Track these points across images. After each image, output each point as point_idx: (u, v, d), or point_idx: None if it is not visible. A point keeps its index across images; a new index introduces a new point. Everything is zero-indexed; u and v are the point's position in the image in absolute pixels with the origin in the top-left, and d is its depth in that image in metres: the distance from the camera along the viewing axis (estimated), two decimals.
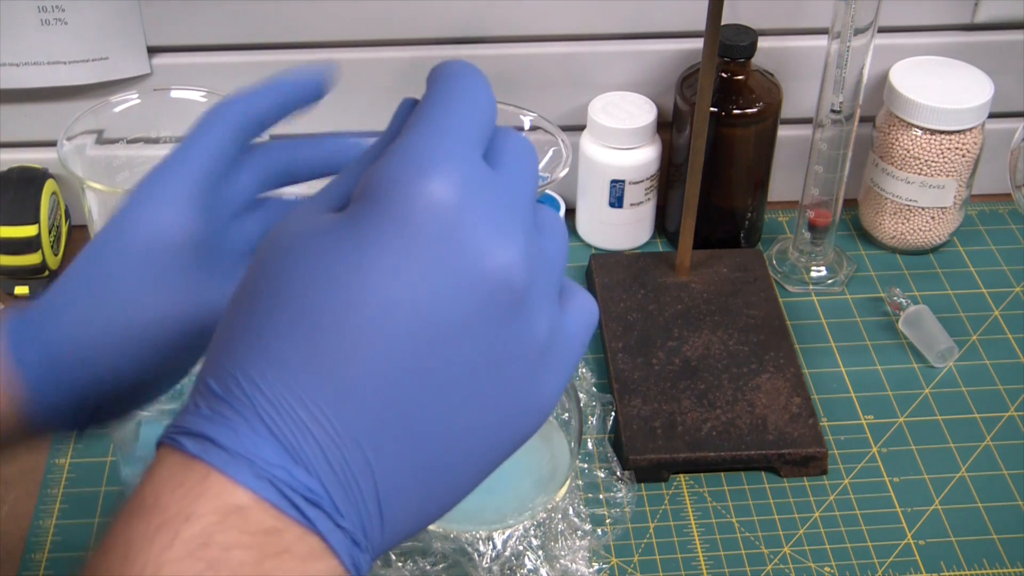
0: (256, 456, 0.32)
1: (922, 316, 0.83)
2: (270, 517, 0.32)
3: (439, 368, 0.33)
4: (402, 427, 0.33)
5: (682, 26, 0.86)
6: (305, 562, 0.32)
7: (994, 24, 0.88)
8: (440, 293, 0.33)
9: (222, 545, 0.31)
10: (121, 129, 0.74)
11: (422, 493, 0.35)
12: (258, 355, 0.33)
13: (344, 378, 0.32)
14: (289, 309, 0.33)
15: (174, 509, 0.31)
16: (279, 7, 0.83)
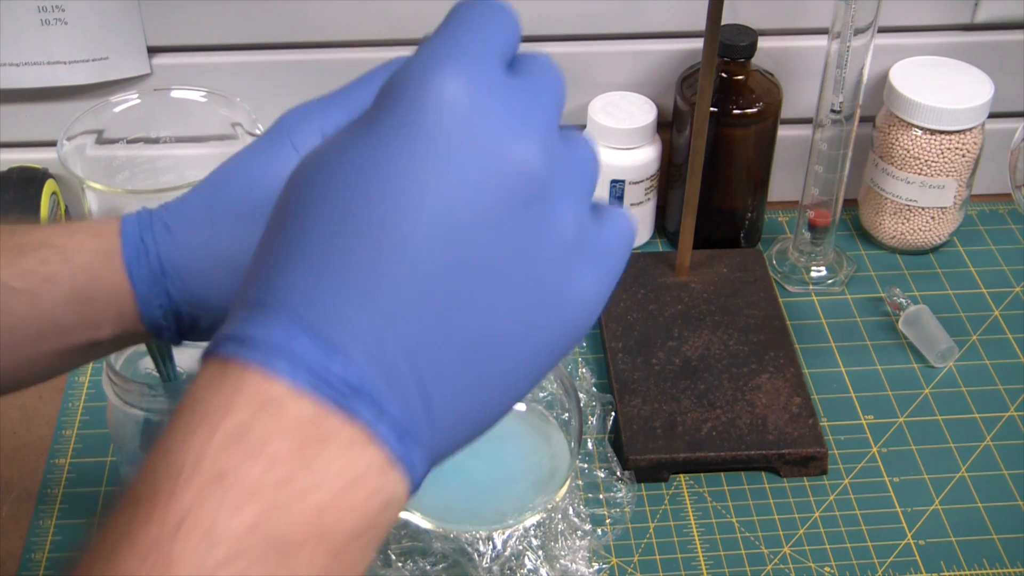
0: (292, 348, 0.32)
1: (922, 316, 0.83)
2: (307, 406, 0.32)
3: (466, 256, 0.34)
4: (438, 318, 0.33)
5: (682, 26, 0.86)
6: (348, 450, 0.32)
7: (994, 24, 0.88)
8: (459, 186, 0.33)
9: (259, 435, 0.31)
10: (121, 129, 0.74)
11: (468, 387, 0.34)
12: (292, 260, 0.34)
13: (376, 272, 0.33)
14: (318, 216, 0.34)
15: (212, 405, 0.32)
16: (279, 7, 0.83)
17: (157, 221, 0.50)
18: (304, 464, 0.31)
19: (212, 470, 0.31)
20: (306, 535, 0.31)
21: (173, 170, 0.75)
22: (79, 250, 0.49)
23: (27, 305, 0.48)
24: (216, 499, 0.30)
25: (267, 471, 0.31)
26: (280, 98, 0.86)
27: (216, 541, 0.30)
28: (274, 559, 0.31)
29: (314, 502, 0.31)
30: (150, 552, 0.30)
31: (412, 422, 0.33)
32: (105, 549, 0.31)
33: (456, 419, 0.35)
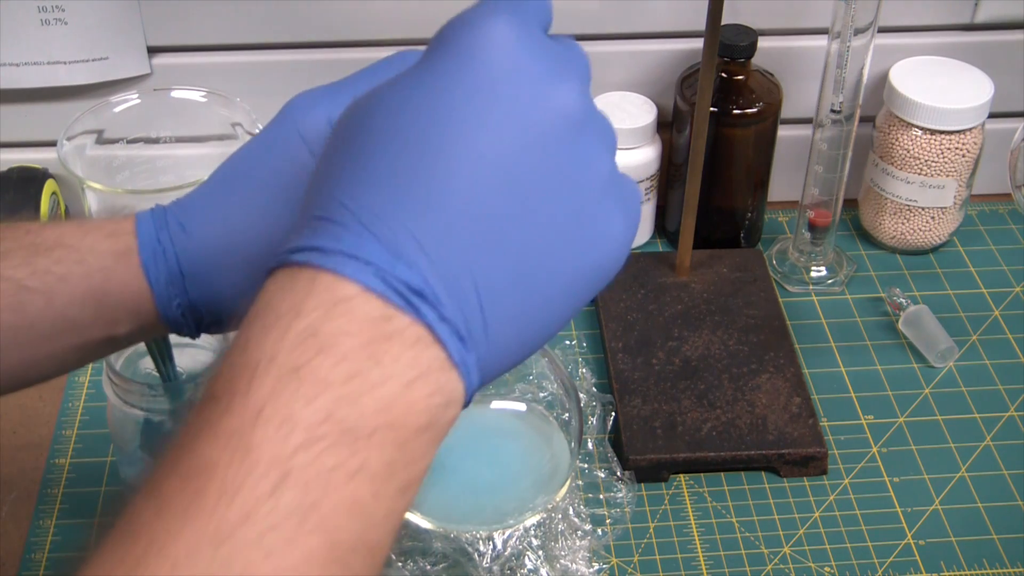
0: (360, 254, 0.34)
1: (922, 316, 0.83)
2: (375, 306, 0.34)
3: (517, 180, 0.36)
4: (492, 234, 0.36)
5: (682, 26, 0.86)
6: (412, 348, 0.34)
7: (994, 24, 0.88)
8: (509, 115, 0.36)
9: (330, 332, 0.33)
10: (121, 129, 0.74)
11: (515, 305, 0.37)
12: (357, 179, 0.36)
13: (437, 188, 0.35)
14: (381, 139, 0.36)
15: (285, 307, 0.34)
16: (279, 7, 0.83)
17: (172, 221, 0.50)
18: (372, 360, 0.33)
19: (287, 365, 0.33)
20: (375, 426, 0.33)
21: (173, 170, 0.75)
22: (93, 250, 0.49)
23: (42, 304, 0.48)
24: (291, 390, 0.33)
25: (338, 365, 0.33)
26: (280, 98, 0.86)
27: (293, 428, 0.32)
28: (346, 446, 0.33)
29: (382, 395, 0.33)
30: (231, 439, 0.32)
31: (468, 328, 0.36)
32: (187, 440, 0.33)
33: (505, 335, 0.37)
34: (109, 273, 0.49)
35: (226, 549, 0.31)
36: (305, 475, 0.32)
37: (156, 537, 0.31)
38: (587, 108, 0.39)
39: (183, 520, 0.31)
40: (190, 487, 0.32)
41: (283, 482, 0.32)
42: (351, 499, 0.33)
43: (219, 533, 0.31)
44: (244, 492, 0.31)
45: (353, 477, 0.33)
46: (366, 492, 0.33)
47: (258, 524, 0.31)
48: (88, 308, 0.49)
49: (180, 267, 0.49)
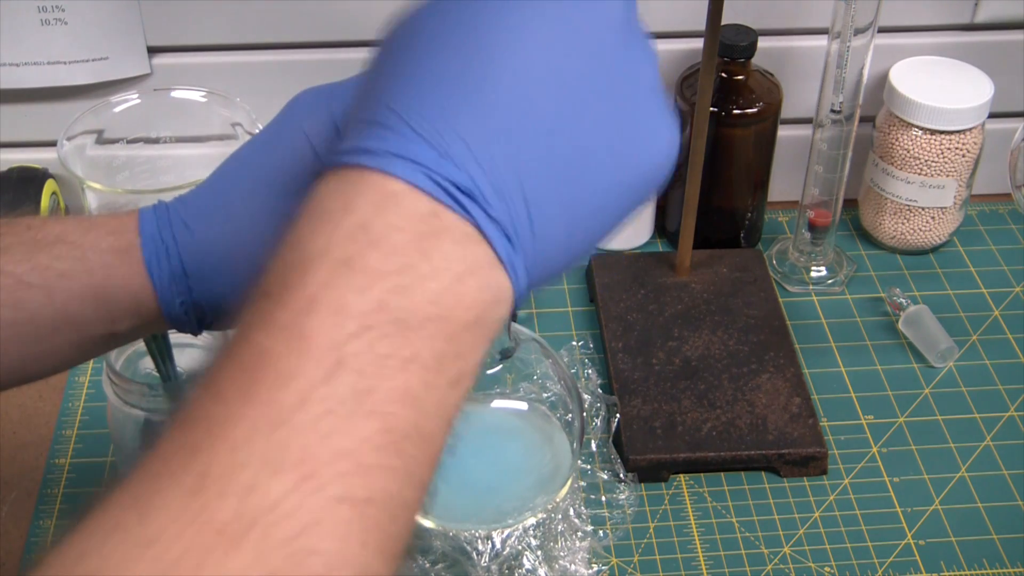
0: (408, 153, 0.35)
1: (922, 316, 0.83)
2: (425, 203, 0.34)
3: (567, 81, 0.37)
4: (541, 135, 0.36)
5: (682, 26, 0.86)
6: (461, 244, 0.35)
7: (994, 24, 0.88)
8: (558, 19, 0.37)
9: (380, 227, 0.34)
10: (121, 129, 0.74)
11: (564, 208, 0.37)
12: (405, 84, 0.36)
13: (485, 92, 0.36)
14: (428, 45, 0.37)
15: (336, 204, 0.35)
16: (279, 7, 0.83)
17: (176, 219, 0.50)
18: (422, 254, 0.34)
19: (339, 257, 0.33)
20: (425, 317, 0.34)
21: (173, 170, 0.75)
22: (95, 247, 0.49)
23: (41, 300, 0.49)
24: (344, 281, 0.33)
25: (389, 258, 0.34)
26: (280, 98, 0.86)
27: (346, 317, 0.33)
28: (398, 336, 0.33)
29: (432, 288, 0.34)
30: (286, 327, 0.33)
31: (515, 229, 0.36)
32: (242, 332, 0.34)
33: (552, 238, 0.37)
34: (110, 270, 0.49)
35: (283, 432, 0.31)
36: (359, 362, 0.32)
37: (214, 422, 0.32)
38: (633, 18, 0.39)
39: (241, 405, 0.32)
40: (246, 375, 0.32)
41: (337, 368, 0.32)
42: (404, 387, 0.33)
43: (276, 417, 0.31)
44: (299, 378, 0.32)
45: (405, 366, 0.33)
46: (418, 381, 0.33)
47: (314, 408, 0.32)
48: (88, 305, 0.49)
49: (183, 265, 0.49)
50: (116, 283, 0.49)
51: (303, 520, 0.30)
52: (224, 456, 0.31)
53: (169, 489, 0.31)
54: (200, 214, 0.50)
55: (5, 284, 0.48)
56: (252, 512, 0.30)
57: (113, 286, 0.49)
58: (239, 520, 0.30)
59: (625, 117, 0.39)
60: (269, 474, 0.31)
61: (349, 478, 0.31)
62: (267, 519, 0.30)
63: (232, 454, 0.31)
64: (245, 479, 0.30)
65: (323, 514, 0.31)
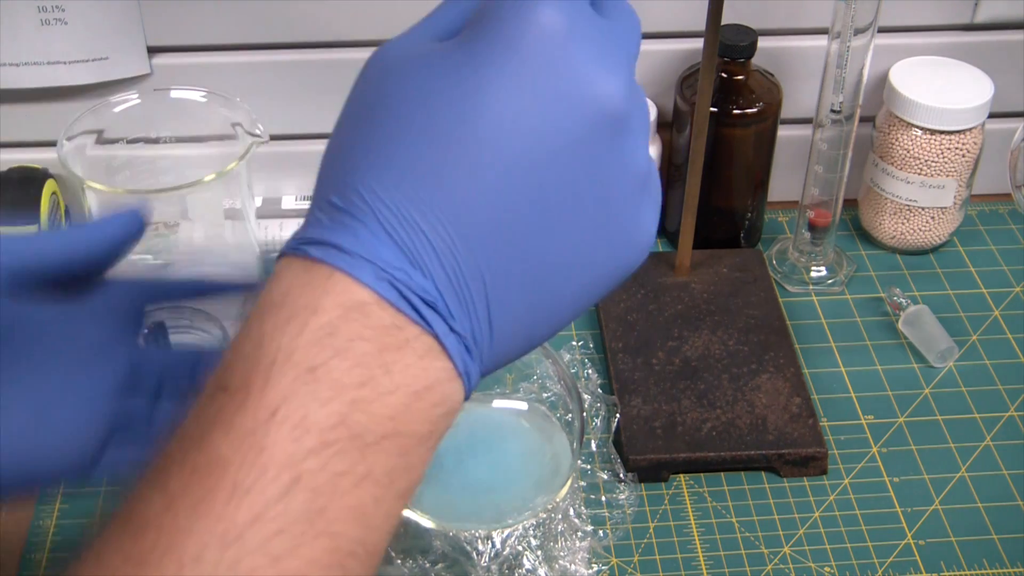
0: (376, 258, 0.34)
1: (922, 316, 0.83)
2: (389, 315, 0.34)
3: (548, 185, 0.35)
4: (512, 242, 0.35)
5: (682, 26, 0.86)
6: (421, 359, 0.34)
7: (994, 24, 0.88)
8: (549, 114, 0.35)
9: (347, 336, 0.33)
10: (121, 129, 0.74)
11: (528, 311, 0.37)
12: (378, 168, 0.35)
13: (460, 191, 0.35)
14: (408, 125, 0.35)
15: (302, 303, 0.34)
16: (279, 7, 0.83)
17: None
18: (383, 368, 0.33)
19: (304, 363, 0.33)
20: (382, 433, 0.33)
21: (173, 170, 0.75)
22: None
23: None
24: (308, 392, 0.32)
25: (352, 369, 0.33)
26: (280, 98, 0.87)
27: (307, 431, 0.32)
28: (354, 452, 0.33)
29: (391, 403, 0.34)
30: (244, 438, 0.32)
31: (475, 340, 0.36)
32: (198, 433, 0.33)
33: (511, 338, 0.37)
34: None
35: (233, 551, 0.31)
36: (315, 480, 0.32)
37: (163, 533, 0.31)
38: (630, 98, 0.37)
39: (192, 518, 0.31)
40: (202, 484, 0.31)
41: (294, 486, 0.32)
42: (355, 505, 0.33)
43: (227, 534, 0.31)
44: (254, 493, 0.31)
45: (359, 483, 0.33)
46: (369, 498, 0.33)
47: (266, 527, 0.31)
48: None
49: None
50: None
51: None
52: (172, 573, 0.30)
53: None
54: None
55: None
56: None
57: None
58: None
59: (611, 215, 0.37)
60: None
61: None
62: None
63: (180, 571, 0.30)
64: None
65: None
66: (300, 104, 0.87)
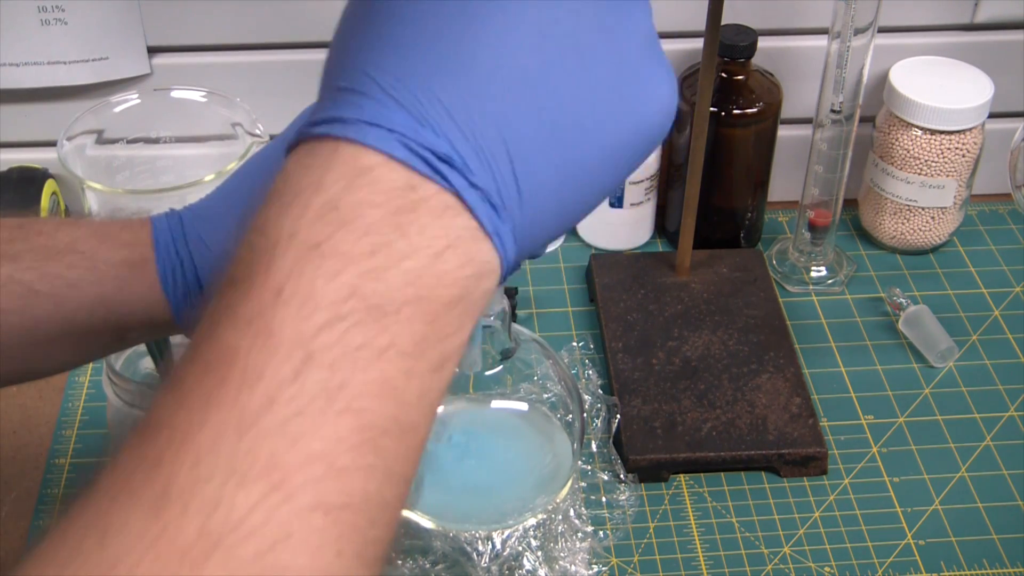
0: (382, 121, 0.32)
1: (922, 316, 0.83)
2: (400, 175, 0.32)
3: (555, 34, 0.34)
4: (528, 97, 0.34)
5: (682, 26, 0.86)
6: (440, 216, 0.32)
7: (994, 24, 0.88)
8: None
9: (352, 205, 0.31)
10: (121, 129, 0.74)
11: (555, 173, 0.35)
12: (381, 46, 0.34)
13: (467, 51, 0.33)
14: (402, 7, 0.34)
15: (305, 183, 0.32)
16: (279, 7, 0.83)
17: (190, 232, 0.49)
18: (397, 231, 0.32)
19: (307, 241, 0.31)
20: (402, 300, 0.31)
21: (173, 170, 0.75)
22: (107, 260, 0.48)
23: (50, 308, 0.48)
24: (312, 268, 0.31)
25: (361, 239, 0.31)
26: (280, 98, 0.87)
27: (315, 308, 0.30)
28: (372, 324, 0.31)
29: (408, 268, 0.32)
30: (251, 322, 0.31)
31: (501, 196, 0.34)
32: (207, 327, 0.31)
33: (543, 202, 0.35)
34: (123, 283, 0.48)
35: (250, 438, 0.29)
36: (330, 355, 0.30)
37: (177, 429, 0.30)
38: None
39: (204, 410, 0.30)
40: (211, 375, 0.30)
41: (307, 364, 0.30)
42: (380, 379, 0.31)
43: (242, 422, 0.29)
44: (266, 377, 0.30)
45: (381, 355, 0.31)
46: (397, 371, 0.31)
47: (282, 410, 0.30)
48: (98, 315, 0.49)
49: (199, 279, 0.49)
50: (128, 296, 0.48)
51: (272, 535, 0.29)
52: (187, 469, 0.29)
53: (130, 508, 0.29)
54: (216, 227, 0.49)
55: (14, 291, 0.47)
56: (217, 530, 0.28)
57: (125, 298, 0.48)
58: (204, 539, 0.28)
59: (619, 72, 0.36)
60: (235, 486, 0.29)
61: (322, 484, 0.30)
62: (233, 537, 0.28)
63: (195, 467, 0.29)
64: (209, 494, 0.29)
65: (294, 526, 0.29)
66: (300, 104, 0.86)
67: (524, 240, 0.35)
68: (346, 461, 0.30)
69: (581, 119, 0.35)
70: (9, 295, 0.47)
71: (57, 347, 0.49)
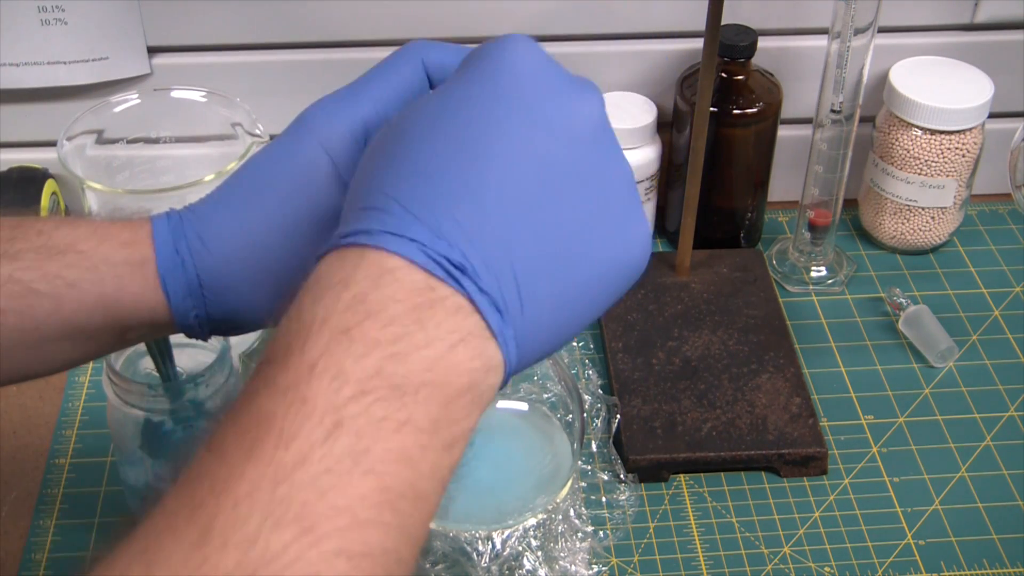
0: (403, 232, 0.37)
1: (922, 316, 0.83)
2: (419, 277, 0.37)
3: (549, 171, 0.40)
4: (527, 219, 0.39)
5: (682, 26, 0.86)
6: (454, 315, 0.37)
7: (994, 24, 0.88)
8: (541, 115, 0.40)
9: (377, 299, 0.36)
10: (121, 129, 0.74)
11: (548, 288, 0.40)
12: (399, 174, 0.39)
13: (475, 180, 0.39)
14: (420, 140, 0.40)
15: (335, 280, 0.37)
16: (279, 7, 0.83)
17: (191, 232, 0.50)
18: (417, 324, 0.36)
19: (338, 327, 0.36)
20: (420, 383, 0.36)
21: (173, 170, 0.75)
22: (107, 260, 0.49)
23: (49, 308, 0.48)
24: (342, 349, 0.35)
25: (385, 328, 0.36)
26: (280, 98, 0.87)
27: (344, 382, 0.35)
28: (394, 400, 0.35)
29: (426, 355, 0.36)
30: (287, 391, 0.34)
31: (505, 302, 0.38)
32: (246, 399, 0.35)
33: (540, 315, 0.40)
34: (122, 283, 0.49)
35: (284, 489, 0.33)
36: (356, 424, 0.34)
37: (218, 480, 0.33)
38: (607, 122, 0.42)
39: (244, 464, 0.33)
40: (249, 435, 0.34)
41: (336, 429, 0.34)
42: (399, 448, 0.35)
43: (277, 475, 0.33)
44: (300, 438, 0.33)
45: (401, 428, 0.35)
46: (413, 444, 0.35)
47: (314, 467, 0.33)
48: (97, 315, 0.49)
49: (199, 279, 0.49)
50: (128, 296, 0.49)
51: (302, 572, 0.32)
52: (227, 511, 0.32)
53: (174, 543, 0.32)
54: (216, 228, 0.50)
55: (13, 290, 0.48)
56: (254, 564, 0.31)
57: (124, 298, 0.49)
58: (241, 571, 0.31)
59: (604, 207, 0.41)
60: (270, 528, 0.32)
61: (346, 533, 0.33)
62: (268, 571, 0.31)
63: (235, 509, 0.32)
64: (247, 532, 0.32)
65: (321, 567, 0.32)
66: (300, 104, 0.86)
67: (524, 346, 0.39)
68: (368, 516, 0.34)
69: (572, 244, 0.40)
70: (8, 294, 0.48)
71: (56, 347, 0.50)
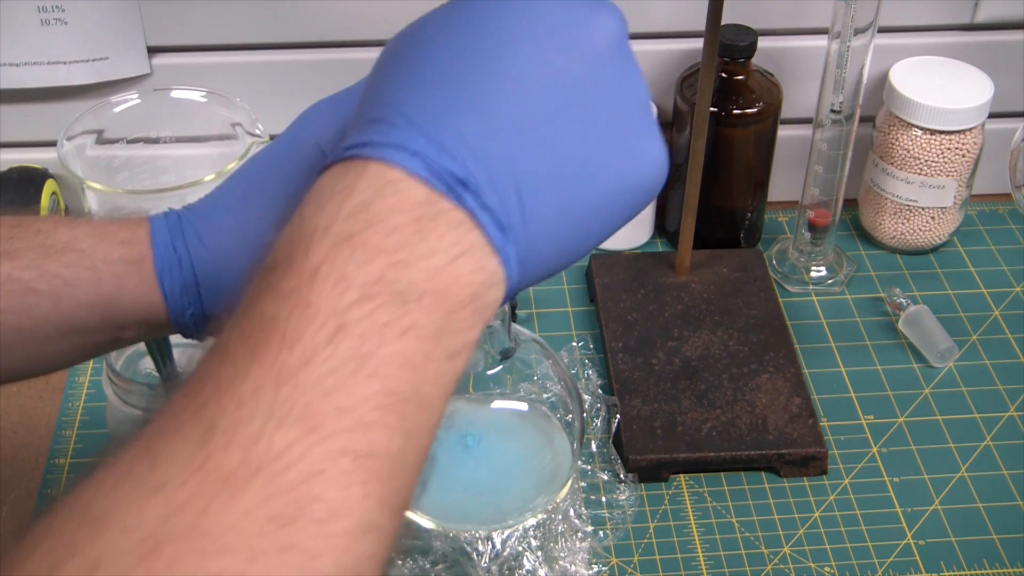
0: (407, 145, 0.37)
1: (922, 316, 0.83)
2: (421, 190, 0.36)
3: (560, 85, 0.39)
4: (534, 134, 0.38)
5: (682, 26, 0.86)
6: (455, 229, 0.36)
7: (994, 24, 0.88)
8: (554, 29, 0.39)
9: (380, 209, 0.36)
10: (121, 129, 0.74)
11: (554, 205, 0.39)
12: (406, 85, 0.39)
13: (483, 92, 0.38)
14: (429, 50, 0.39)
15: (338, 189, 0.37)
16: (279, 7, 0.83)
17: (189, 231, 0.50)
18: (419, 235, 0.36)
19: (340, 234, 0.35)
20: (422, 291, 0.35)
21: (173, 170, 0.75)
22: (105, 258, 0.49)
23: (48, 307, 0.49)
24: (345, 255, 0.35)
25: (387, 237, 0.35)
26: (280, 98, 0.87)
27: (347, 287, 0.34)
28: (397, 306, 0.35)
29: (429, 265, 0.36)
30: (290, 295, 0.34)
31: (508, 219, 0.38)
32: (248, 302, 0.35)
33: (544, 232, 0.39)
34: (120, 281, 0.49)
35: (288, 389, 0.33)
36: (360, 327, 0.34)
37: (222, 381, 0.33)
38: (625, 41, 0.41)
39: (247, 365, 0.33)
40: (253, 338, 0.34)
41: (339, 332, 0.34)
42: (403, 353, 0.35)
43: (281, 376, 0.33)
44: (303, 341, 0.33)
45: (404, 334, 0.35)
46: (417, 350, 0.35)
47: (317, 368, 0.33)
48: (95, 313, 0.49)
49: (196, 278, 0.50)
50: (125, 294, 0.49)
51: (307, 469, 0.32)
52: (231, 410, 0.32)
53: (178, 441, 0.32)
54: (214, 227, 0.50)
55: (12, 290, 0.48)
56: (257, 460, 0.31)
57: (122, 297, 0.49)
58: (245, 467, 0.31)
59: (617, 126, 0.40)
60: (274, 427, 0.32)
61: (351, 433, 0.33)
62: (272, 467, 0.31)
63: (238, 409, 0.32)
64: (251, 431, 0.32)
65: (326, 464, 0.32)
66: (300, 104, 0.86)
67: (526, 263, 0.39)
68: (372, 417, 0.33)
69: (581, 163, 0.40)
70: (7, 293, 0.48)
71: (55, 345, 0.50)
